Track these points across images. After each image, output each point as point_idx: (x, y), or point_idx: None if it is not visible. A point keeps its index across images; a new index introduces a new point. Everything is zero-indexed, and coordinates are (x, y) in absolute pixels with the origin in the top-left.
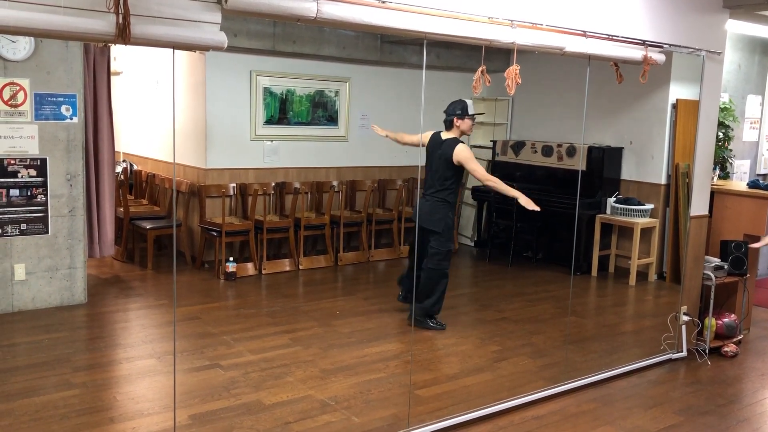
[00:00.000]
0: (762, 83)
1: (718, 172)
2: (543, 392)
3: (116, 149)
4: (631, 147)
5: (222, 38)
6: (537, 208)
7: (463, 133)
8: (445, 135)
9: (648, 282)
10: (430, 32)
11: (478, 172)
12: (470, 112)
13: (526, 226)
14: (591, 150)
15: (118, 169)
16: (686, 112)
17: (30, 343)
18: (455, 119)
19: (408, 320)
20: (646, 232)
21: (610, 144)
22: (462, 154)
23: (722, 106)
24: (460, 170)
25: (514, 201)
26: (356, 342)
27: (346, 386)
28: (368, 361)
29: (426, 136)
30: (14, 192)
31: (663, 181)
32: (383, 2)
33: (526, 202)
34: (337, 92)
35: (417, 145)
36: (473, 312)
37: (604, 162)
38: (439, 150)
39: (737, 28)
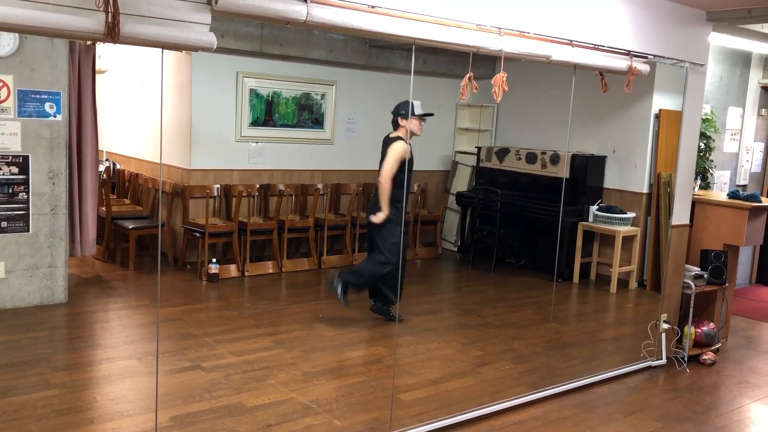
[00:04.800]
0: (743, 95)
1: (699, 182)
2: (524, 398)
3: (99, 148)
4: (614, 156)
5: (211, 39)
6: (377, 220)
7: (412, 133)
8: (393, 134)
9: (628, 290)
10: (418, 38)
11: (383, 169)
12: (417, 112)
13: (509, 232)
14: (574, 158)
15: (101, 168)
16: (669, 122)
17: (8, 342)
18: (399, 119)
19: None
20: (628, 240)
21: (593, 152)
22: (389, 148)
23: (704, 118)
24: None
25: (497, 207)
26: (339, 345)
27: (328, 389)
28: (350, 365)
29: (407, 147)
30: None
31: (645, 190)
32: (373, 7)
33: (379, 219)
34: (323, 95)
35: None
36: (456, 317)
37: (587, 170)
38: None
39: (719, 40)
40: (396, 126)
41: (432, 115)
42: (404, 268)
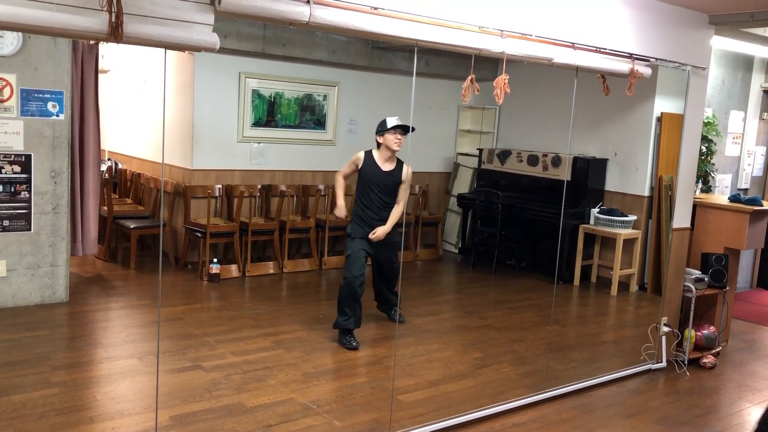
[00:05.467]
0: (745, 99)
1: (700, 185)
2: (524, 400)
3: (102, 147)
4: (615, 158)
5: (214, 39)
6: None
7: (388, 148)
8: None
9: (629, 292)
10: (420, 39)
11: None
12: (388, 125)
13: (511, 234)
14: (576, 160)
15: (103, 167)
16: (670, 125)
17: (9, 341)
18: (377, 137)
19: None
20: (629, 243)
21: (595, 155)
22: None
23: (705, 121)
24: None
25: (498, 209)
26: (339, 346)
27: (328, 390)
28: (351, 365)
29: (359, 157)
30: None
31: (646, 193)
32: (375, 8)
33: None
34: (325, 96)
35: (348, 175)
36: (456, 318)
37: (589, 173)
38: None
39: (722, 44)
40: (378, 145)
41: (412, 129)
42: (392, 276)
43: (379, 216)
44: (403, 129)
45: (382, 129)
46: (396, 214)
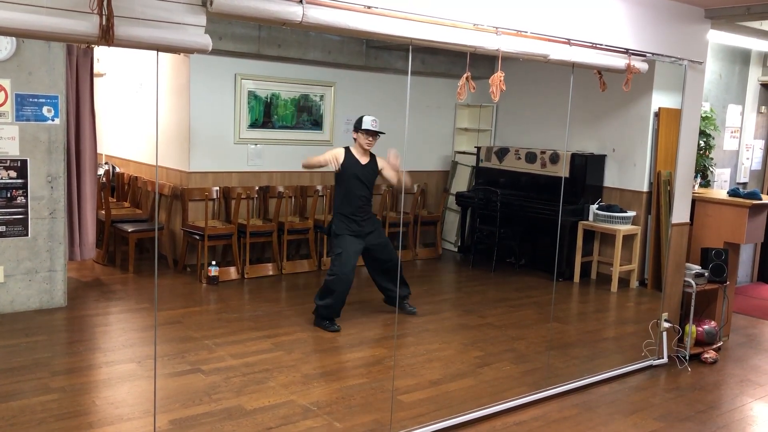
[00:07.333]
0: (742, 93)
1: (699, 180)
2: (525, 398)
3: (98, 151)
4: (613, 154)
5: (206, 41)
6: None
7: (361, 146)
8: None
9: (629, 289)
10: (415, 38)
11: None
12: (363, 126)
13: (510, 231)
14: (574, 157)
15: (100, 171)
16: (668, 120)
17: (8, 347)
18: (353, 133)
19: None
20: (628, 239)
21: (593, 151)
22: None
23: (703, 115)
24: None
25: (497, 207)
26: (339, 347)
27: (328, 391)
28: (350, 366)
29: (340, 153)
30: None
31: (645, 188)
32: (369, 7)
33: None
34: (322, 96)
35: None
36: (456, 317)
37: (587, 169)
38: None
39: (718, 38)
40: (354, 140)
41: (382, 133)
42: (394, 270)
43: (363, 211)
44: (374, 133)
45: (357, 127)
46: (397, 177)
